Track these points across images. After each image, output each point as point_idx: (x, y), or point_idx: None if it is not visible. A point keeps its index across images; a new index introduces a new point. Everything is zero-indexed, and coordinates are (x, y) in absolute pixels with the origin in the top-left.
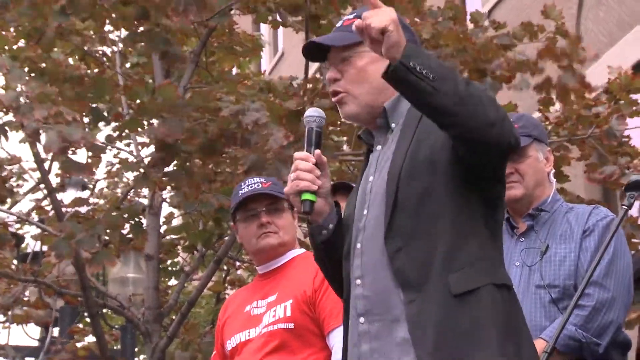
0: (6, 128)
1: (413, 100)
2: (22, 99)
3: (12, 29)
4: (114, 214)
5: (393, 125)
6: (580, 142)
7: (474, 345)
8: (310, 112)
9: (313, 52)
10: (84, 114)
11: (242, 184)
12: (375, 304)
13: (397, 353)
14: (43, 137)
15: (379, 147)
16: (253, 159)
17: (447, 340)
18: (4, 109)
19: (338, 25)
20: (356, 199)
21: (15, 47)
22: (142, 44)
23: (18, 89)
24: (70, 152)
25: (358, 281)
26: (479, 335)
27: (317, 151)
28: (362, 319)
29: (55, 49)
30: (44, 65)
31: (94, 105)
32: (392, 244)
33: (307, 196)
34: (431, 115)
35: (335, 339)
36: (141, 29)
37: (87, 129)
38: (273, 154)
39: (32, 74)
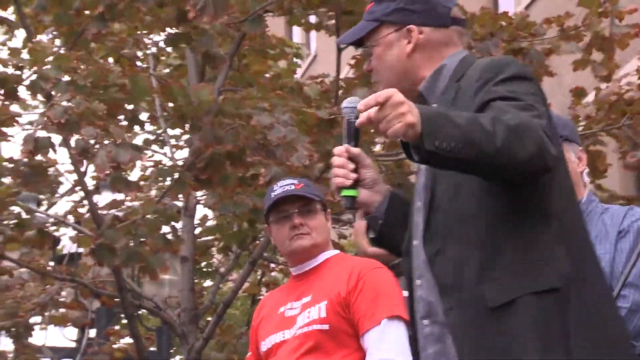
0: (53, 141)
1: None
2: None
3: (49, 35)
4: (149, 216)
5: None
6: (616, 131)
7: None
8: (346, 102)
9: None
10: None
11: (275, 185)
12: (431, 307)
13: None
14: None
15: None
16: (275, 172)
17: (485, 357)
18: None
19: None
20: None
21: (53, 56)
22: (182, 45)
23: (64, 103)
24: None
25: (418, 282)
26: (516, 352)
27: (346, 145)
28: (425, 322)
29: (92, 49)
30: (85, 73)
31: (129, 107)
32: (431, 247)
33: (345, 192)
34: (475, 174)
35: (370, 340)
36: (177, 30)
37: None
38: (296, 169)
39: (74, 83)
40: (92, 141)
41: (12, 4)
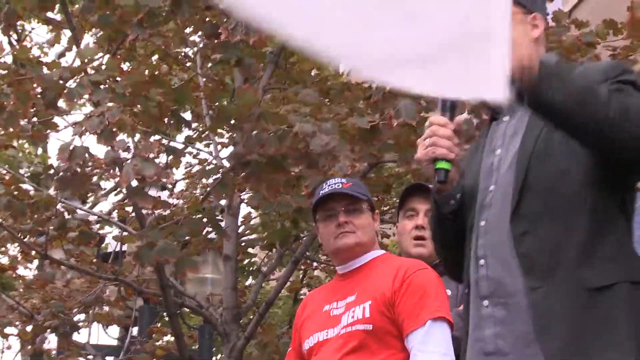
0: (88, 149)
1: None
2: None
3: (92, 38)
4: (194, 217)
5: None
6: None
7: (606, 343)
8: None
9: None
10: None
11: (324, 184)
12: (500, 287)
13: (522, 342)
14: None
15: (506, 118)
16: (318, 181)
17: (577, 336)
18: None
19: None
20: (477, 170)
21: (98, 62)
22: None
23: (99, 113)
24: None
25: (482, 261)
26: (611, 332)
27: (458, 118)
28: (485, 302)
29: (139, 48)
30: (125, 83)
31: (174, 108)
32: (519, 226)
33: (443, 164)
34: (572, 138)
35: (414, 341)
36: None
37: (168, 133)
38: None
39: (114, 93)
40: (123, 152)
41: (58, 4)
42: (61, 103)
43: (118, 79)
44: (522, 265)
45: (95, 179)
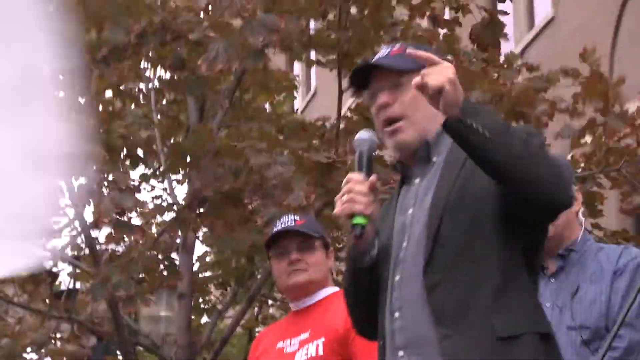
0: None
1: (468, 153)
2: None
3: None
4: (148, 253)
5: (434, 158)
6: (615, 172)
7: None
8: (361, 134)
9: (358, 76)
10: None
11: (278, 221)
12: (414, 337)
13: None
14: None
15: (417, 180)
16: (273, 212)
17: None
18: None
19: (382, 54)
20: (390, 230)
21: None
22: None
23: None
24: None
25: (397, 314)
26: None
27: (373, 177)
28: (401, 353)
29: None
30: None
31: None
32: (431, 278)
33: (359, 220)
34: (484, 168)
35: None
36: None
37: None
38: (293, 210)
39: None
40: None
41: None
42: None
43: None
44: (434, 315)
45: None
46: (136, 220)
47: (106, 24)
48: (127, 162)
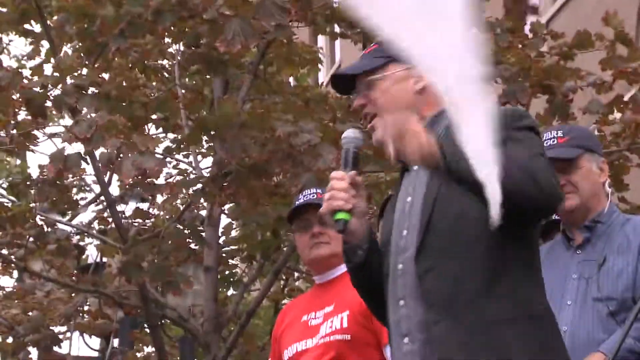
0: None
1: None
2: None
3: (70, 49)
4: (174, 227)
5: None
6: None
7: None
8: (347, 133)
9: (341, 83)
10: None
11: (300, 194)
12: (416, 324)
13: None
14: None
15: (415, 167)
16: (307, 178)
17: None
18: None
19: (363, 52)
20: (394, 218)
21: (77, 72)
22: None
23: (88, 116)
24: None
25: (401, 302)
26: (505, 353)
27: (352, 172)
28: (406, 339)
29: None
30: (108, 87)
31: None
32: (422, 265)
33: (341, 215)
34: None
35: None
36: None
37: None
38: (324, 174)
39: (98, 99)
40: (115, 152)
41: (37, 16)
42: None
43: (102, 81)
44: (425, 301)
45: (74, 190)
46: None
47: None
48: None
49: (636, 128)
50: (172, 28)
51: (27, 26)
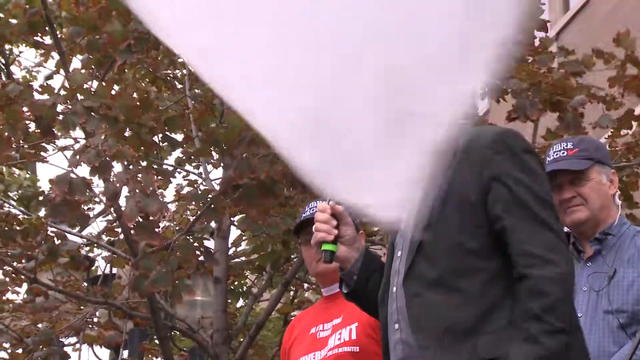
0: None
1: None
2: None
3: (80, 61)
4: (184, 238)
5: None
6: None
7: None
8: None
9: None
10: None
11: (307, 207)
12: (412, 349)
13: None
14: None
15: None
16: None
17: None
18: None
19: None
20: (393, 240)
21: (87, 89)
22: None
23: (96, 142)
24: None
25: (396, 325)
26: None
27: (331, 202)
28: None
29: (127, 72)
30: (117, 111)
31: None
32: (411, 288)
33: (326, 246)
34: None
35: None
36: None
37: (157, 154)
38: None
39: (107, 122)
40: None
41: (47, 27)
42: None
43: (111, 103)
44: (412, 325)
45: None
46: (171, 206)
47: (133, 15)
48: (164, 144)
49: None
50: None
51: (37, 37)
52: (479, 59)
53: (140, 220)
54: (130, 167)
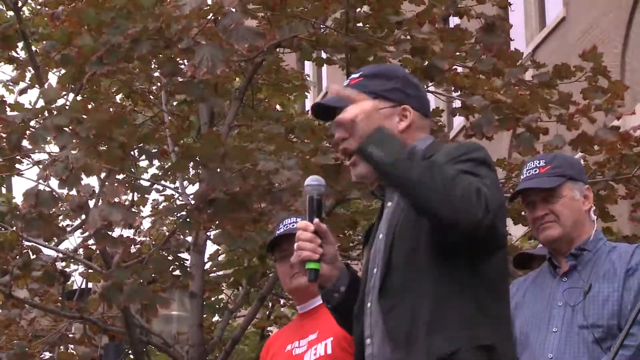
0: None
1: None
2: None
3: (55, 77)
4: (159, 254)
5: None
6: (626, 181)
7: None
8: (310, 180)
9: (322, 112)
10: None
11: (281, 223)
12: None
13: None
14: None
15: (389, 204)
16: (282, 217)
17: None
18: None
19: (344, 84)
20: (369, 256)
21: (61, 104)
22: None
23: (63, 158)
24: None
25: (368, 340)
26: None
27: (316, 220)
28: None
29: (103, 85)
30: (88, 125)
31: (140, 145)
32: (385, 303)
33: (310, 265)
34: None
35: None
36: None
37: (132, 169)
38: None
39: (78, 136)
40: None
41: (21, 42)
42: (25, 143)
43: (82, 118)
44: (390, 339)
45: (60, 217)
46: (147, 221)
47: (104, 29)
48: (141, 160)
49: (621, 159)
50: (152, 54)
51: (13, 53)
52: None
53: (102, 229)
54: (103, 180)
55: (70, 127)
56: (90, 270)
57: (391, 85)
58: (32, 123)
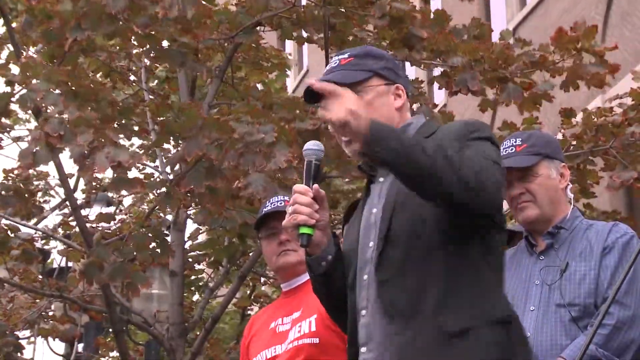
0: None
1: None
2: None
3: (34, 52)
4: (139, 231)
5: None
6: (603, 154)
7: None
8: (309, 145)
9: (310, 93)
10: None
11: (267, 201)
12: (374, 334)
13: None
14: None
15: (381, 179)
16: (254, 179)
17: None
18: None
19: (334, 64)
20: (359, 229)
21: (44, 71)
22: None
23: (56, 115)
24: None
25: (363, 312)
26: None
27: (315, 185)
28: (363, 349)
29: (82, 64)
30: (74, 88)
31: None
32: (382, 274)
33: (304, 230)
34: (404, 185)
35: None
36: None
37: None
38: (275, 175)
39: (66, 96)
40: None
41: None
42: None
43: (67, 84)
44: (385, 312)
45: (39, 194)
46: (128, 199)
47: None
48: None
49: (597, 130)
50: (129, 34)
51: None
52: None
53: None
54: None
55: (57, 90)
56: (69, 249)
57: (383, 64)
58: (18, 89)
